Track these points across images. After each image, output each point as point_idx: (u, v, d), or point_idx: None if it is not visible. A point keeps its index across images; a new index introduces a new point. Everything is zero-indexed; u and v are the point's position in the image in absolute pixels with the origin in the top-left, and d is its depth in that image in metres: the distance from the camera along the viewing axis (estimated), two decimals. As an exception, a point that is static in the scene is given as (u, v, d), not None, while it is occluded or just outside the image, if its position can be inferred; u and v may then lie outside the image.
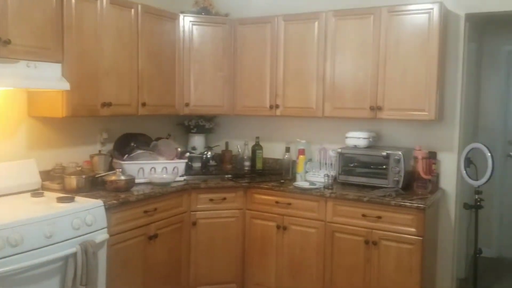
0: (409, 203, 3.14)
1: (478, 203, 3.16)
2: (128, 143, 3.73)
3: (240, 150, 4.29)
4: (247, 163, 4.20)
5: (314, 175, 3.74)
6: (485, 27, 4.61)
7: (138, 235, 3.18)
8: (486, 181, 3.08)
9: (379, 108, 3.53)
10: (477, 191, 3.17)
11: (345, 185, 3.63)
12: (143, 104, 3.63)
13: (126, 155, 3.55)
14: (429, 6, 3.33)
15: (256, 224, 3.73)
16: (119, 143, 3.71)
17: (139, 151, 3.64)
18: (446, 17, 3.47)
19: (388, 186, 3.45)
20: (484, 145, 3.12)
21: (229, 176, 3.93)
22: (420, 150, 3.43)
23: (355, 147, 3.65)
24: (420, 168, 3.35)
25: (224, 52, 4.10)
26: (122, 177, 3.24)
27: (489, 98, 4.93)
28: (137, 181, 3.40)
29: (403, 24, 3.41)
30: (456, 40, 3.56)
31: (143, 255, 3.22)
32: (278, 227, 3.62)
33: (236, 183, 3.77)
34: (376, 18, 3.50)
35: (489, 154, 3.05)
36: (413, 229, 3.14)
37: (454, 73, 3.59)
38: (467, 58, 3.71)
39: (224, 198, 3.72)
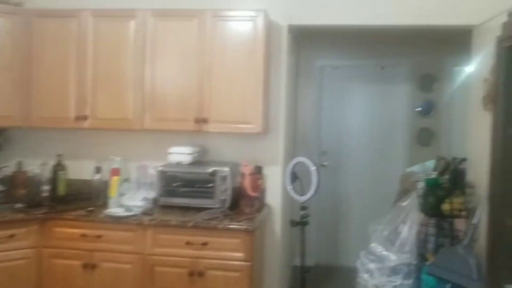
0: (237, 225, 2.87)
1: (304, 219, 3.08)
2: None
3: (36, 172, 3.47)
4: (46, 187, 3.40)
5: (131, 199, 3.20)
6: (301, 40, 4.73)
7: None
8: (312, 196, 3.01)
9: (205, 121, 3.20)
10: (303, 207, 3.08)
11: (167, 208, 3.19)
12: None
13: None
14: (253, 14, 3.15)
15: (57, 264, 3.02)
16: None
17: None
18: (270, 26, 3.34)
19: (215, 206, 3.14)
20: (309, 159, 3.04)
21: (21, 205, 3.12)
22: (246, 165, 3.21)
23: (179, 164, 3.26)
24: (247, 184, 3.13)
25: (14, 49, 3.28)
26: None
27: (304, 110, 5.10)
28: None
29: (229, 31, 3.16)
30: (279, 51, 3.47)
31: None
32: (85, 266, 2.97)
33: (28, 215, 3.00)
34: (201, 21, 3.18)
35: (313, 168, 2.98)
36: (240, 254, 2.88)
37: (277, 85, 3.49)
38: (288, 70, 3.67)
39: (12, 236, 2.91)
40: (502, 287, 1.86)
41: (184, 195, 3.21)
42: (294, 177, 3.10)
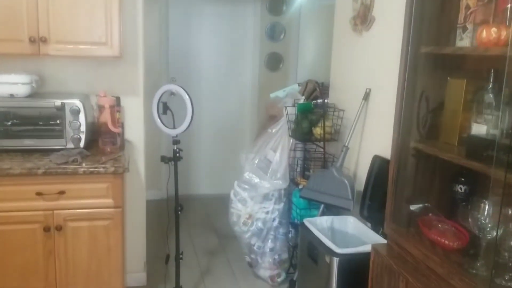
0: (103, 167, 2.41)
1: (178, 154, 2.76)
2: None
3: None
4: None
5: None
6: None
7: None
8: (186, 129, 2.68)
9: (44, 40, 2.51)
10: (175, 141, 2.74)
11: (3, 153, 2.50)
12: None
13: None
14: None
15: None
16: None
17: None
18: None
19: (67, 147, 2.59)
20: (181, 87, 2.67)
21: None
22: (105, 96, 2.67)
23: (12, 96, 2.54)
24: (108, 119, 2.63)
25: None
26: None
27: (149, 34, 4.56)
28: None
29: None
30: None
31: None
32: None
33: None
34: None
35: (187, 96, 2.63)
36: (109, 200, 2.46)
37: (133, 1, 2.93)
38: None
39: None
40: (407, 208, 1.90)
41: (24, 135, 2.55)
42: (164, 108, 2.71)
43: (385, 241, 2.26)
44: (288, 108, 3.20)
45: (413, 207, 1.90)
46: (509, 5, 1.54)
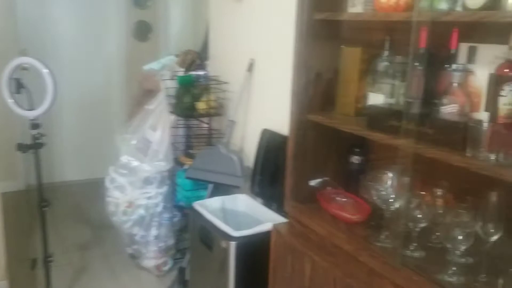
0: None
1: (38, 141, 2.32)
2: None
3: None
4: None
5: None
6: None
7: None
8: (48, 109, 2.25)
9: None
10: (35, 125, 2.30)
11: None
12: None
13: None
14: None
15: None
16: None
17: None
18: None
19: None
20: (38, 59, 2.22)
21: None
22: None
23: None
24: None
25: None
26: None
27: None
28: None
29: None
30: None
31: None
32: None
33: None
34: None
35: (46, 70, 2.20)
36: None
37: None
38: None
39: None
40: (307, 183, 1.82)
41: None
42: (18, 86, 2.24)
43: (280, 217, 2.19)
44: (166, 82, 2.92)
45: (312, 182, 1.83)
46: (404, -30, 1.49)
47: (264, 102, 2.61)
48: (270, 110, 2.53)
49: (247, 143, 2.77)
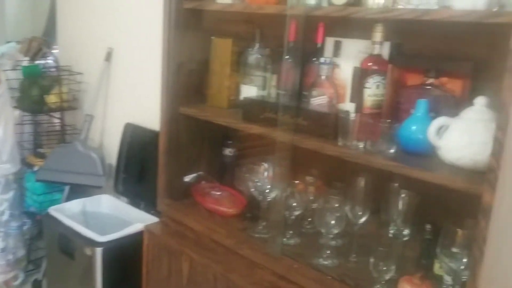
0: None
1: None
2: None
3: None
4: None
5: None
6: None
7: None
8: None
9: None
10: None
11: None
12: None
13: None
14: None
15: None
16: None
17: None
18: None
19: None
20: None
21: None
22: None
23: None
24: None
25: None
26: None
27: None
28: None
29: None
30: None
31: None
32: None
33: None
34: None
35: None
36: None
37: None
38: None
39: None
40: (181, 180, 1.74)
41: None
42: None
43: (151, 216, 2.08)
44: (7, 73, 2.54)
45: (187, 178, 1.76)
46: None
47: (125, 94, 2.44)
48: (133, 103, 2.38)
49: (108, 138, 2.56)
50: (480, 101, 1.15)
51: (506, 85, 0.91)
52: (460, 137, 1.12)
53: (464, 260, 1.15)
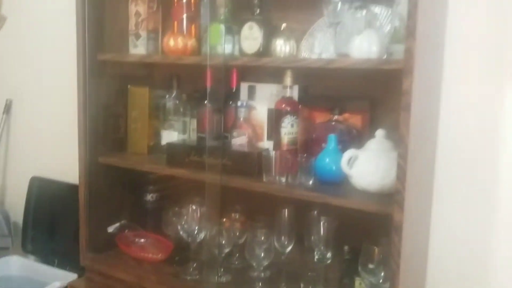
0: None
1: None
2: None
3: None
4: None
5: None
6: None
7: None
8: None
9: None
10: None
11: None
12: None
13: None
14: None
15: None
16: None
17: None
18: None
19: None
20: None
21: None
22: None
23: None
24: None
25: None
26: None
27: None
28: None
29: None
30: None
31: None
32: None
33: None
34: None
35: None
36: None
37: None
38: None
39: None
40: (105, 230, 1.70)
41: None
42: None
43: (67, 272, 1.98)
44: None
45: (110, 228, 1.73)
46: (184, 15, 1.61)
47: (29, 146, 2.32)
48: (38, 155, 2.28)
49: (11, 195, 2.40)
50: (379, 133, 1.34)
51: (402, 121, 1.09)
52: (367, 166, 1.29)
53: (382, 274, 1.30)
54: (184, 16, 1.60)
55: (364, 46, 1.23)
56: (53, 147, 2.19)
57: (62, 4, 2.00)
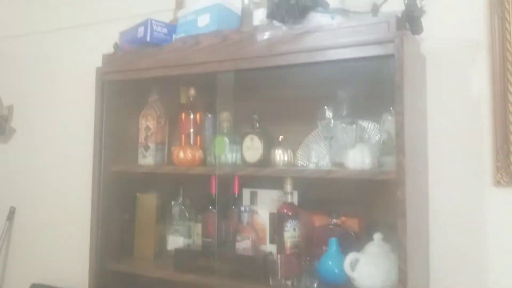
0: None
1: None
2: None
3: None
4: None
5: None
6: None
7: None
8: None
9: None
10: None
11: None
12: None
13: None
14: None
15: None
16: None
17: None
18: None
19: None
20: None
21: None
22: None
23: None
24: None
25: None
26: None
27: None
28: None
29: None
30: None
31: None
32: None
33: None
34: None
35: None
36: None
37: None
38: None
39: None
40: None
41: None
42: None
43: None
44: None
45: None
46: (191, 130, 1.77)
47: (30, 253, 2.35)
48: (39, 262, 2.30)
49: (8, 303, 2.37)
50: (377, 237, 1.44)
51: (399, 226, 1.21)
52: (368, 269, 1.38)
53: None
54: (191, 130, 1.77)
55: (358, 159, 1.38)
56: (55, 255, 2.23)
57: (70, 120, 2.20)
